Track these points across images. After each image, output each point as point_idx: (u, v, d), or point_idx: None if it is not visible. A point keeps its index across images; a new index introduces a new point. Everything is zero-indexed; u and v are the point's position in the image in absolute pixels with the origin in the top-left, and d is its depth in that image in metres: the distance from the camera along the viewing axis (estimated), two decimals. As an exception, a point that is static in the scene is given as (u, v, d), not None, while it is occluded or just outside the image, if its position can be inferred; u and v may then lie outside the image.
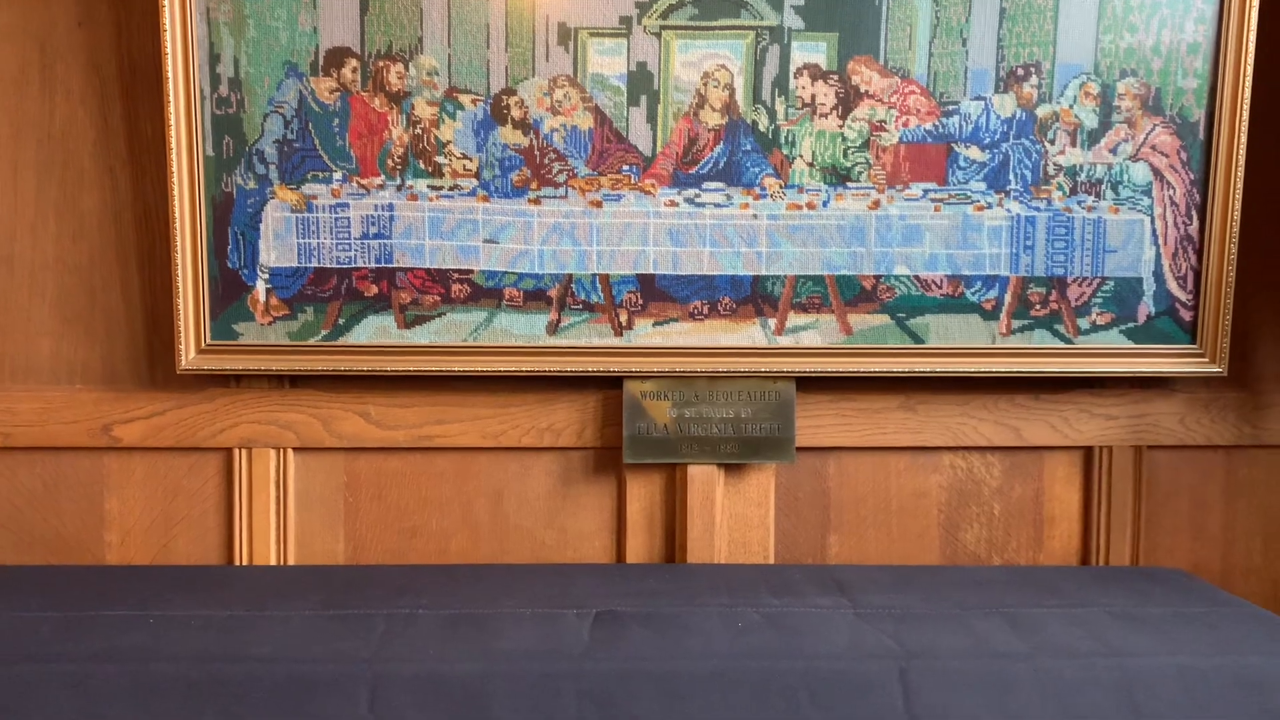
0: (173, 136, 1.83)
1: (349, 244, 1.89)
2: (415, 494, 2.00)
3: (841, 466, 2.05)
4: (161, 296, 1.93)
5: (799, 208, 1.93)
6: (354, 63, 1.85)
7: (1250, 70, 1.88)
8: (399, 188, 1.88)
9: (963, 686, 1.48)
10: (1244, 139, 1.90)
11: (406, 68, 1.86)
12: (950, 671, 1.49)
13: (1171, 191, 1.94)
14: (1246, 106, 1.89)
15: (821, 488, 2.05)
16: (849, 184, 1.92)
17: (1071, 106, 1.92)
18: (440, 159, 1.88)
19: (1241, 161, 1.90)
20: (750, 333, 1.95)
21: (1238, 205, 1.91)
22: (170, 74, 1.81)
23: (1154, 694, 1.48)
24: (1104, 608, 1.71)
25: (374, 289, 1.90)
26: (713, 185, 1.91)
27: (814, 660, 1.50)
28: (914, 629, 1.60)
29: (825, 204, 1.93)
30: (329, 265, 1.89)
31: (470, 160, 1.88)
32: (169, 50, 1.81)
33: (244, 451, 1.96)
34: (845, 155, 1.92)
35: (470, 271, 1.90)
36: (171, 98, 1.82)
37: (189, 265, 1.87)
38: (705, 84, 1.89)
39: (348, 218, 1.88)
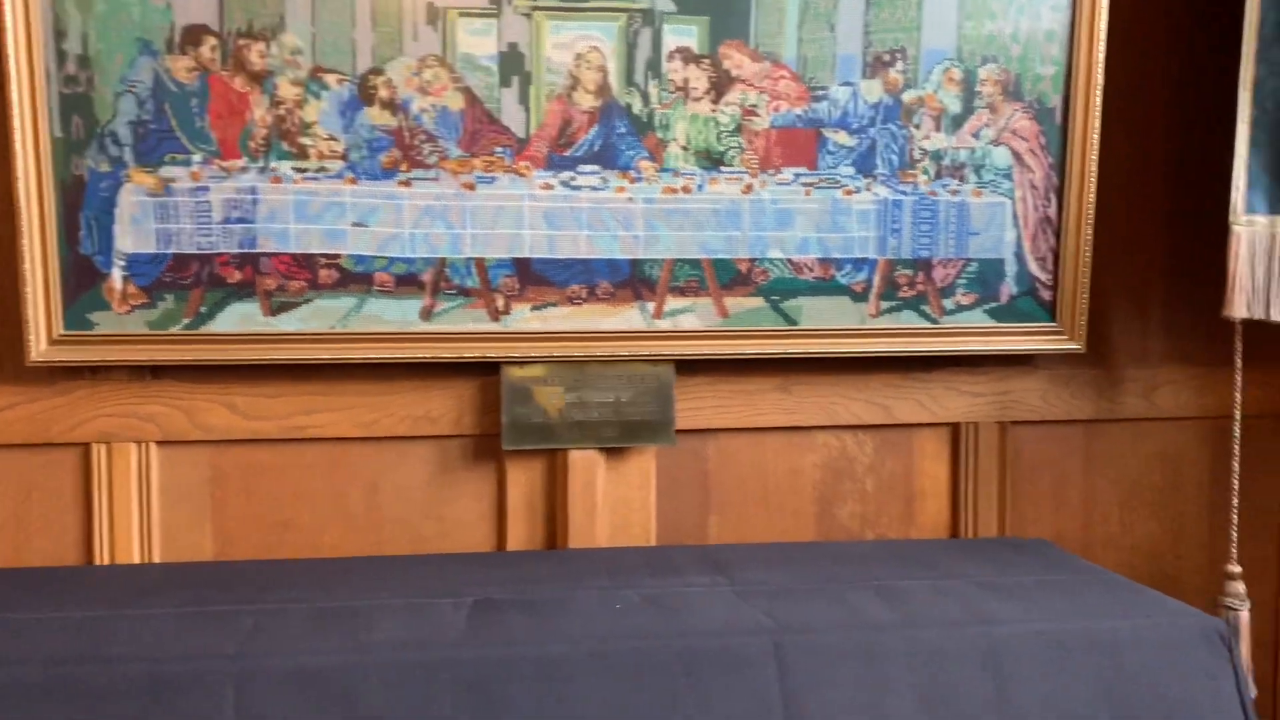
0: (16, 116, 1.73)
1: (210, 229, 1.82)
2: (286, 486, 1.94)
3: (721, 447, 2.07)
4: (8, 285, 1.82)
5: (675, 191, 1.93)
6: (212, 41, 1.78)
7: (1102, 58, 1.96)
8: (262, 170, 1.82)
9: (835, 658, 1.51)
10: (1098, 124, 1.98)
11: (268, 46, 1.79)
12: (823, 645, 1.52)
13: (1031, 175, 2.01)
14: (1099, 93, 1.97)
15: (702, 469, 2.07)
16: (723, 168, 1.94)
17: (936, 92, 1.97)
18: (305, 140, 1.82)
19: (1095, 145, 1.98)
20: (629, 316, 1.95)
21: (1093, 188, 1.99)
22: (10, 50, 1.71)
23: (1017, 658, 1.54)
24: (971, 578, 1.76)
25: (237, 275, 1.83)
26: (588, 168, 1.91)
27: (690, 638, 1.51)
28: (789, 604, 1.63)
29: (700, 188, 1.94)
30: (189, 251, 1.82)
31: (337, 141, 1.83)
32: (9, 25, 1.70)
33: (103, 446, 1.87)
34: (719, 139, 1.93)
35: (338, 256, 1.85)
36: (14, 75, 1.72)
37: (38, 252, 1.77)
38: (578, 65, 1.88)
39: (208, 201, 1.81)
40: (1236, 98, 1.86)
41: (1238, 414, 1.95)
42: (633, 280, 1.94)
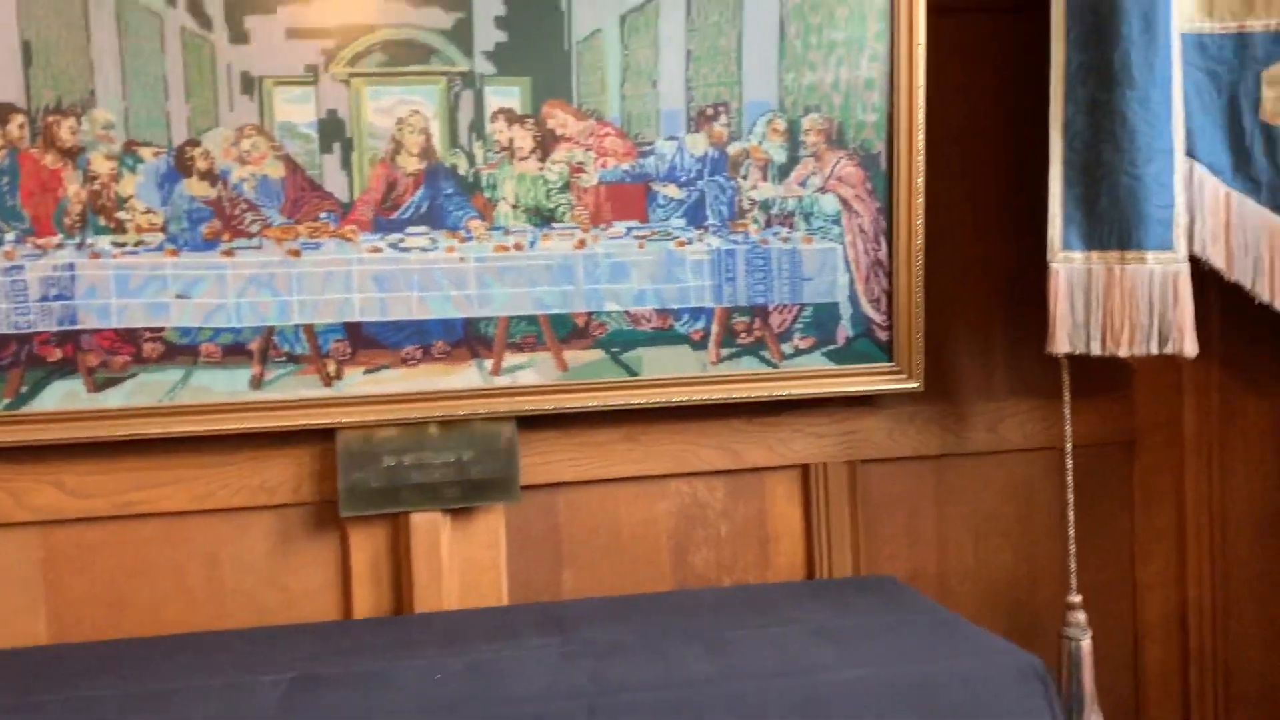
0: None
1: (27, 307, 1.79)
2: (122, 564, 1.91)
3: (571, 501, 2.06)
4: None
5: (506, 249, 1.94)
6: (20, 119, 1.76)
7: (923, 104, 2.00)
8: (79, 246, 1.80)
9: (652, 717, 1.50)
10: (922, 168, 2.02)
11: (79, 122, 1.78)
12: (639, 704, 1.51)
13: (860, 220, 2.04)
14: (922, 137, 2.01)
15: (553, 524, 2.06)
16: (554, 224, 1.95)
17: (761, 143, 2.00)
18: (122, 214, 1.81)
19: (921, 189, 2.02)
20: (467, 375, 1.94)
21: (920, 230, 2.03)
22: None
23: (835, 706, 1.54)
24: (805, 624, 1.78)
25: (58, 353, 1.81)
26: (417, 229, 1.91)
27: (505, 705, 1.50)
28: (614, 663, 1.62)
29: (532, 244, 1.95)
30: (7, 331, 1.79)
31: (155, 214, 1.82)
32: None
33: (-75, 533, 1.83)
34: (548, 196, 1.94)
35: (162, 329, 1.83)
36: None
37: None
38: (400, 129, 1.88)
39: (24, 280, 1.79)
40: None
41: (1069, 446, 1.99)
42: (468, 339, 1.94)
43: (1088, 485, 2.16)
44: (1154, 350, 1.86)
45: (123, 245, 1.81)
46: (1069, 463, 1.99)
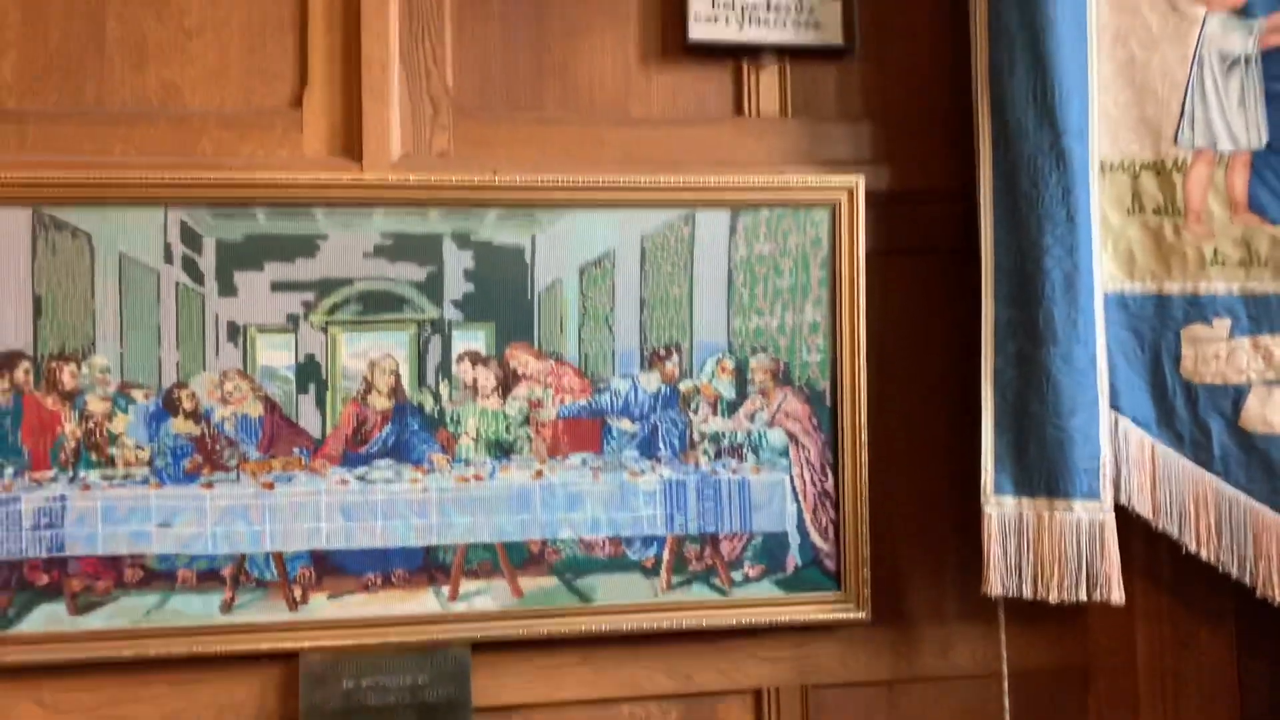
0: None
1: (20, 535, 1.94)
2: (94, 777, 2.00)
3: (525, 722, 2.13)
4: None
5: (467, 480, 2.06)
6: (26, 364, 1.95)
7: (864, 345, 2.12)
8: (71, 479, 1.96)
9: None
10: (865, 404, 2.13)
11: (79, 367, 1.96)
12: None
13: (807, 452, 2.14)
14: (864, 376, 2.12)
15: (508, 744, 2.13)
16: (513, 456, 2.08)
17: (711, 381, 2.12)
18: (113, 450, 1.97)
19: (864, 424, 2.13)
20: (424, 600, 2.05)
21: (865, 463, 2.12)
22: None
23: None
24: None
25: (45, 578, 1.95)
26: (383, 463, 2.04)
27: None
28: None
29: (492, 475, 2.07)
30: (1, 558, 1.94)
31: (143, 450, 1.98)
32: None
33: (-88, 745, 1.95)
34: (508, 430, 2.08)
35: (143, 556, 1.97)
36: None
37: None
38: (372, 371, 2.04)
39: (19, 510, 1.94)
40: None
41: (1005, 681, 2.03)
42: (427, 566, 2.05)
43: (1041, 712, 2.19)
44: (1083, 597, 1.91)
45: (111, 478, 1.97)
46: (1005, 697, 2.02)
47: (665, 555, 2.11)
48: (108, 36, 2.08)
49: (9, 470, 1.94)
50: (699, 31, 2.18)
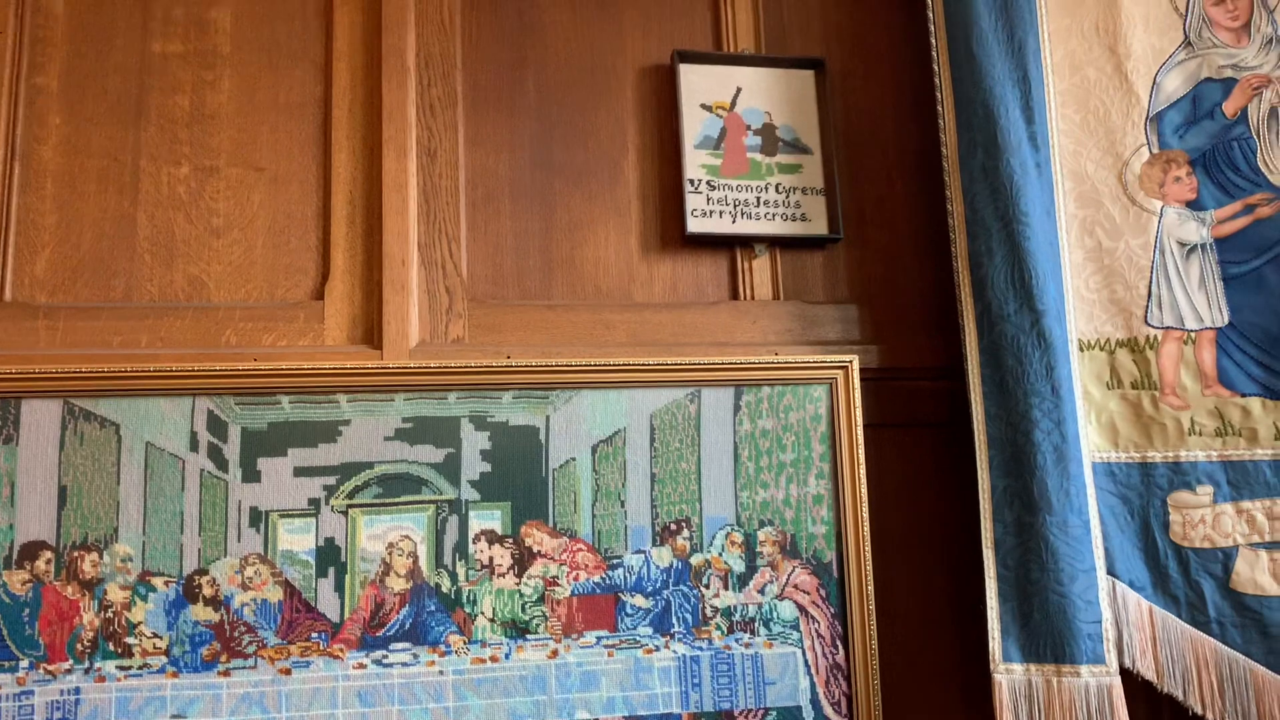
0: None
1: (31, 731, 1.91)
2: None
3: None
4: None
5: (483, 661, 2.07)
6: (48, 554, 1.96)
7: (867, 515, 2.20)
8: (87, 671, 1.94)
9: None
10: (870, 575, 2.19)
11: (101, 556, 1.98)
12: None
13: (817, 625, 2.18)
14: (869, 547, 2.19)
15: None
16: (528, 636, 2.10)
17: (721, 554, 2.18)
18: (130, 640, 1.97)
19: (871, 595, 2.18)
20: (441, 787, 2.02)
21: (874, 635, 2.17)
22: None
23: None
24: None
25: (54, 775, 1.91)
26: (400, 646, 2.05)
27: None
28: None
29: (507, 656, 2.08)
30: (8, 753, 1.90)
31: (161, 639, 1.98)
32: None
33: None
34: (524, 609, 2.11)
35: (156, 749, 1.94)
36: None
37: None
38: (390, 553, 2.07)
39: (31, 705, 1.92)
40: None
41: None
42: (444, 751, 2.03)
43: None
44: (1097, 763, 1.94)
45: (127, 669, 1.96)
46: None
47: (681, 733, 2.11)
48: (138, 235, 2.19)
49: (24, 664, 1.93)
50: (696, 226, 2.34)
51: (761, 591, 2.18)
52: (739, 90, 2.42)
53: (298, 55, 2.32)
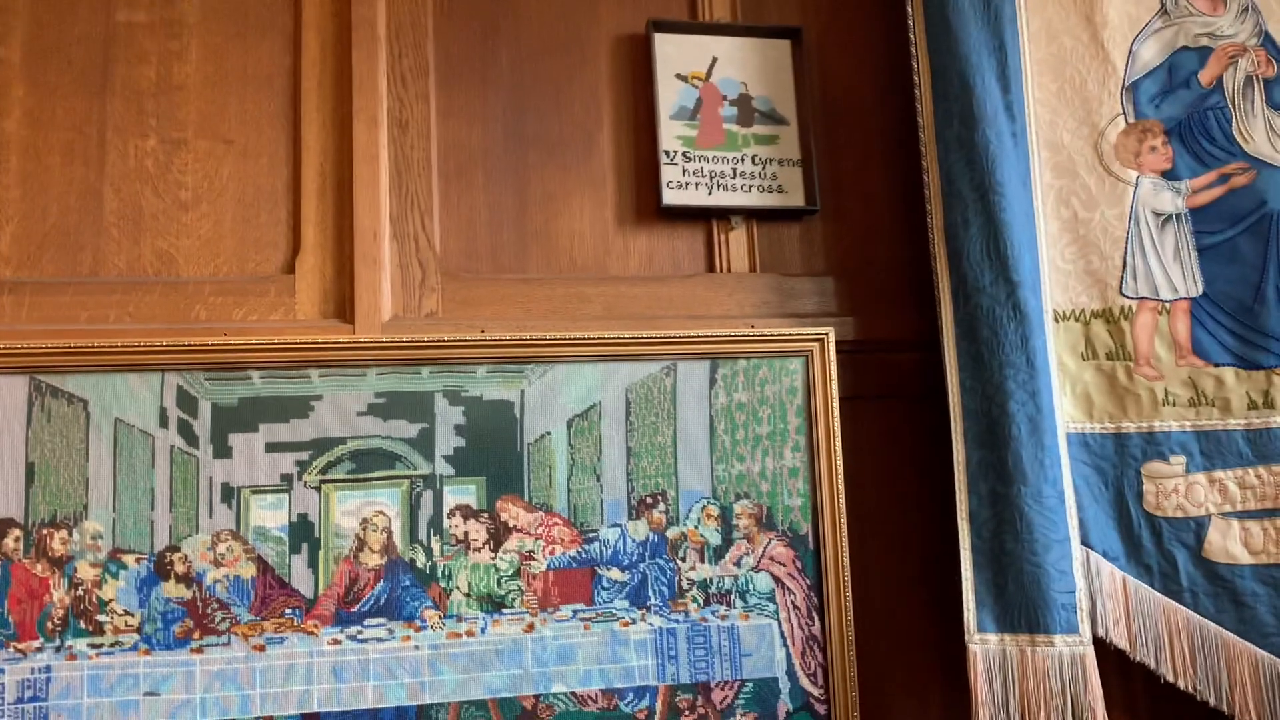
0: None
1: (2, 710, 1.89)
2: None
3: None
4: None
5: (459, 636, 2.07)
6: (16, 532, 1.94)
7: (842, 488, 2.20)
8: (58, 649, 1.93)
9: None
10: (846, 546, 2.19)
11: (70, 533, 1.96)
12: None
13: (793, 596, 2.19)
14: (844, 519, 2.19)
15: None
16: (504, 610, 2.09)
17: (697, 527, 2.18)
18: (102, 617, 1.95)
19: (847, 567, 2.18)
20: (417, 761, 2.02)
21: (850, 606, 2.17)
22: None
23: None
24: None
25: (26, 754, 1.90)
26: (375, 621, 2.05)
27: None
28: None
29: (483, 630, 2.08)
30: (-21, 733, 1.89)
31: (132, 616, 1.96)
32: None
33: None
34: (499, 584, 2.10)
35: (129, 727, 1.93)
36: None
37: None
38: (364, 529, 2.06)
39: (2, 683, 1.90)
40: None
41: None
42: (420, 725, 2.03)
43: None
44: (1070, 731, 1.96)
45: (99, 646, 1.94)
46: (1004, 842, 2.03)
47: (658, 706, 2.11)
48: (105, 209, 2.16)
49: (-7, 642, 1.91)
50: (671, 198, 2.32)
51: (737, 564, 2.18)
52: (715, 60, 2.40)
53: (266, 24, 2.28)
